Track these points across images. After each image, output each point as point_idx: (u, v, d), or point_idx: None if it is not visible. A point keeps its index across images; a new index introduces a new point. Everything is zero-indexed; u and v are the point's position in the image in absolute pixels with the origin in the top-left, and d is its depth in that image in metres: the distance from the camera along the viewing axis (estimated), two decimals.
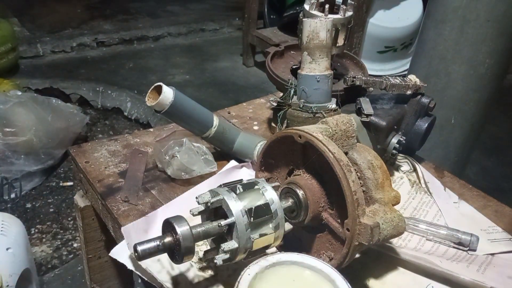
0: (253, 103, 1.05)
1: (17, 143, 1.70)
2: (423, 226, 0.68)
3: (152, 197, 0.72)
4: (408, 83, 0.77)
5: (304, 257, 0.48)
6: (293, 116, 0.74)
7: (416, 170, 0.83)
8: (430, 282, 0.60)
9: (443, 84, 1.37)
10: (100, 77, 2.69)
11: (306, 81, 0.71)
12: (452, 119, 1.40)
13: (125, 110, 2.44)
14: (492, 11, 1.24)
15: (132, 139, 0.87)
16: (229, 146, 0.79)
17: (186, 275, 0.58)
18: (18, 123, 1.72)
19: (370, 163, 0.55)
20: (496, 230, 0.72)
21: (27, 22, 3.16)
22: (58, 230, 1.67)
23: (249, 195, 0.51)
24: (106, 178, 0.76)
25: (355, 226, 0.49)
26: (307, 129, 0.54)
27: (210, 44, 3.38)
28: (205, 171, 0.77)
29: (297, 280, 0.46)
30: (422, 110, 0.79)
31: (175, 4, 3.83)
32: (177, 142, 0.77)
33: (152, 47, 3.24)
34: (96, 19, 3.43)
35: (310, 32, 0.68)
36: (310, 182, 0.55)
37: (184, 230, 0.45)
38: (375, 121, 0.73)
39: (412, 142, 0.81)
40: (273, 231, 0.51)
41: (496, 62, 1.32)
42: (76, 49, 3.03)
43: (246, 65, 3.04)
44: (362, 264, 0.62)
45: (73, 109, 1.96)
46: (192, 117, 0.74)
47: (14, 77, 2.52)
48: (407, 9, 2.68)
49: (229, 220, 0.48)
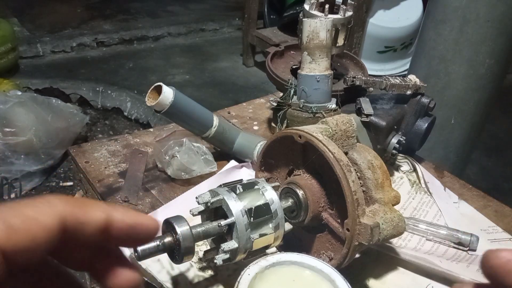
0: (253, 103, 1.05)
1: (17, 143, 1.70)
2: (423, 226, 0.68)
3: (152, 197, 0.72)
4: (408, 83, 0.77)
5: (304, 257, 0.48)
6: (293, 116, 0.74)
7: (416, 170, 0.83)
8: (430, 282, 0.60)
9: (443, 84, 1.37)
10: (100, 77, 2.69)
11: (306, 81, 0.71)
12: (452, 119, 1.40)
13: (125, 110, 2.44)
14: (492, 11, 1.24)
15: (132, 139, 0.87)
16: (229, 146, 0.79)
17: (186, 275, 0.58)
18: (18, 123, 1.72)
19: (370, 163, 0.55)
20: (496, 230, 0.72)
21: (27, 22, 3.16)
22: None
23: (249, 195, 0.51)
24: (106, 178, 0.76)
25: (355, 226, 0.49)
26: (307, 129, 0.54)
27: (210, 44, 3.38)
28: (205, 171, 0.77)
29: (297, 280, 0.46)
30: (422, 110, 0.79)
31: (175, 4, 3.83)
32: (177, 142, 0.77)
33: (152, 47, 3.24)
34: (96, 19, 3.43)
35: (310, 32, 0.68)
36: (310, 182, 0.55)
37: (184, 230, 0.45)
38: (375, 121, 0.73)
39: (412, 142, 0.81)
40: (273, 231, 0.51)
41: (496, 62, 1.33)
42: (76, 49, 3.03)
43: (246, 65, 3.04)
44: (362, 264, 0.61)
45: (73, 109, 1.96)
46: (192, 117, 0.74)
47: (14, 77, 2.52)
48: (407, 9, 2.68)
49: (229, 220, 0.48)
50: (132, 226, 0.28)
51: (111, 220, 0.27)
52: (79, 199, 0.28)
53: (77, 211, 0.26)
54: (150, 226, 0.29)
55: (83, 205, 0.26)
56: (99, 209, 0.27)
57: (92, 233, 0.26)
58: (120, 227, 0.28)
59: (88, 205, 0.27)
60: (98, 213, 0.27)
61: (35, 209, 0.24)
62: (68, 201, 0.26)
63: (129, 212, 0.29)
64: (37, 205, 0.25)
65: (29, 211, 0.24)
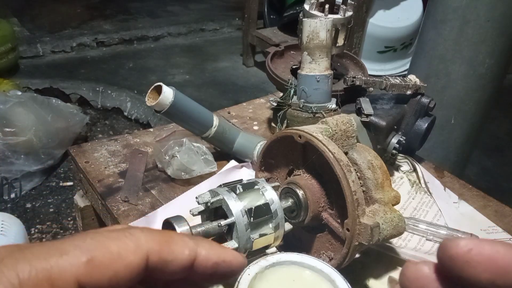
0: (253, 103, 1.05)
1: (17, 143, 1.70)
2: (423, 226, 0.68)
3: (152, 197, 0.72)
4: (408, 83, 0.77)
5: (304, 257, 0.48)
6: (293, 116, 0.74)
7: (416, 170, 0.83)
8: None
9: (443, 84, 1.37)
10: (100, 77, 2.69)
11: (306, 81, 0.71)
12: (452, 119, 1.40)
13: (125, 110, 2.44)
14: (492, 11, 1.24)
15: (132, 139, 0.87)
16: (229, 146, 0.79)
17: None
18: (18, 123, 1.72)
19: (370, 163, 0.55)
20: (496, 230, 0.72)
21: (27, 22, 3.16)
22: (58, 230, 1.66)
23: (249, 195, 0.51)
24: (106, 178, 0.76)
25: (355, 226, 0.49)
26: (307, 129, 0.54)
27: (210, 44, 3.37)
28: (205, 171, 0.77)
29: (297, 280, 0.46)
30: (422, 110, 0.79)
31: (175, 4, 3.83)
32: (177, 142, 0.77)
33: (152, 47, 3.24)
34: (96, 19, 3.43)
35: (310, 32, 0.68)
36: (310, 182, 0.55)
37: (184, 230, 0.45)
38: (375, 121, 0.73)
39: (412, 142, 0.81)
40: (273, 231, 0.51)
41: (496, 62, 1.32)
42: (76, 49, 3.03)
43: (246, 65, 3.04)
44: (362, 264, 0.61)
45: (73, 109, 1.96)
46: (192, 117, 0.74)
47: (14, 77, 2.52)
48: (407, 9, 2.68)
49: (229, 220, 0.48)
50: (217, 263, 0.27)
51: (197, 257, 0.26)
52: (164, 233, 0.27)
53: (161, 249, 0.25)
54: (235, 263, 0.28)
55: (167, 242, 0.26)
56: (185, 246, 0.26)
57: (176, 270, 0.26)
58: (205, 265, 0.27)
59: (173, 241, 0.26)
60: (184, 250, 0.26)
61: (119, 243, 0.24)
62: (154, 237, 0.25)
63: (215, 248, 0.27)
64: (121, 239, 0.24)
65: (113, 245, 0.23)
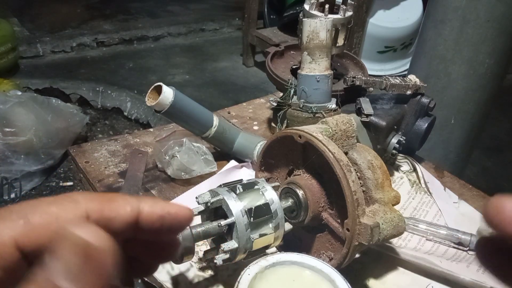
0: (253, 103, 1.05)
1: (17, 143, 1.70)
2: (423, 226, 0.68)
3: (152, 197, 0.72)
4: (408, 83, 0.77)
5: (304, 257, 0.48)
6: (293, 116, 0.74)
7: (416, 170, 0.83)
8: (430, 282, 0.60)
9: (443, 84, 1.37)
10: (100, 77, 2.69)
11: (306, 81, 0.71)
12: (452, 119, 1.40)
13: (125, 110, 2.44)
14: (492, 11, 1.24)
15: (132, 139, 0.87)
16: (229, 146, 0.79)
17: (186, 275, 0.58)
18: (18, 123, 1.72)
19: (370, 163, 0.55)
20: None
21: (27, 22, 3.16)
22: None
23: (249, 195, 0.51)
24: (106, 178, 0.76)
25: (355, 226, 0.49)
26: (307, 129, 0.54)
27: (210, 44, 3.38)
28: (205, 171, 0.77)
29: (297, 280, 0.46)
30: (422, 110, 0.79)
31: (175, 4, 3.83)
32: (177, 142, 0.77)
33: (152, 47, 3.24)
34: (96, 19, 3.43)
35: (310, 32, 0.68)
36: (310, 182, 0.55)
37: (184, 230, 0.45)
38: (375, 121, 0.73)
39: (412, 142, 0.81)
40: (273, 231, 0.51)
41: (496, 62, 1.33)
42: (76, 49, 3.03)
43: (246, 65, 3.04)
44: (362, 264, 0.61)
45: (73, 109, 1.96)
46: (192, 117, 0.74)
47: (14, 77, 2.52)
48: (407, 9, 2.68)
49: (229, 220, 0.48)
50: (162, 217, 0.27)
51: (140, 213, 0.26)
52: (105, 194, 0.27)
53: (102, 207, 0.25)
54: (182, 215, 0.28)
55: (108, 201, 0.26)
56: (127, 203, 0.26)
57: (120, 228, 0.26)
58: (150, 219, 0.27)
59: (114, 200, 0.26)
60: (125, 207, 0.26)
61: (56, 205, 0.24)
62: (93, 198, 0.25)
63: (158, 203, 0.28)
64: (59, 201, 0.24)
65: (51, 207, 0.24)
